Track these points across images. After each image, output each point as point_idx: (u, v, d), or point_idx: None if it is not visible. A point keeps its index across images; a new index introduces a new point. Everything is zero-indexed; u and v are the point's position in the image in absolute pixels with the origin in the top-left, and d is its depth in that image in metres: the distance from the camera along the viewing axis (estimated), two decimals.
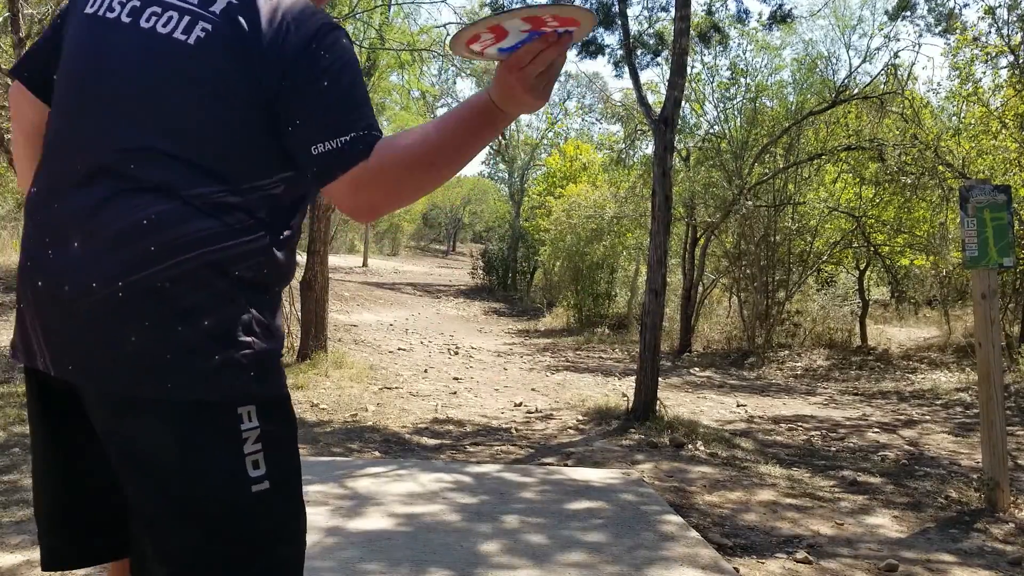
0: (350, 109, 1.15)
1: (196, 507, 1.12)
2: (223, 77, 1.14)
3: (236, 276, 1.15)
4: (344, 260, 29.46)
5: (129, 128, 1.14)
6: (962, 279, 12.77)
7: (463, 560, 2.84)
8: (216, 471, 1.13)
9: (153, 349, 1.10)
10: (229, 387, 1.13)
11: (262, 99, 1.15)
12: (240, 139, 1.15)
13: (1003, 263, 4.08)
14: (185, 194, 1.12)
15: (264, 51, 1.14)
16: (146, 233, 1.10)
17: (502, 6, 9.98)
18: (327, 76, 1.15)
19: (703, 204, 12.94)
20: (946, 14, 10.19)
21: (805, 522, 3.74)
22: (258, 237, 1.17)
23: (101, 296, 1.10)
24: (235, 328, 1.14)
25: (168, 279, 1.10)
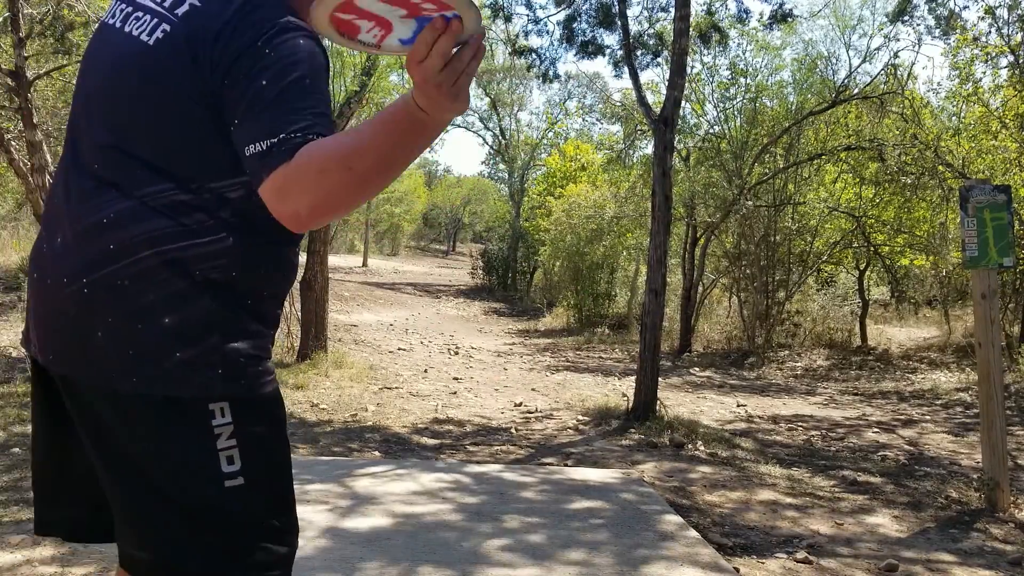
0: (288, 110, 1.06)
1: (171, 498, 1.15)
2: (173, 76, 1.15)
3: (199, 276, 1.15)
4: (344, 260, 29.47)
5: (99, 127, 1.20)
6: (962, 279, 12.77)
7: (463, 560, 2.84)
8: (187, 464, 1.15)
9: (117, 345, 1.13)
10: (197, 384, 1.15)
11: (208, 99, 1.13)
12: (190, 139, 1.15)
13: (1003, 263, 4.08)
14: (140, 192, 1.15)
15: (212, 50, 1.12)
16: (106, 230, 1.14)
17: (502, 7, 9.96)
18: (267, 74, 1.08)
19: (703, 204, 12.94)
20: (946, 16, 10.18)
21: (805, 522, 3.74)
22: (219, 238, 1.16)
23: (71, 291, 1.15)
24: (198, 327, 1.15)
25: (127, 277, 1.13)
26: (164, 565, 1.16)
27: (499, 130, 32.00)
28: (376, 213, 33.57)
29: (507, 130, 31.79)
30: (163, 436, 1.15)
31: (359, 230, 34.32)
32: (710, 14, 10.01)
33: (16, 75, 7.45)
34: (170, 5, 1.20)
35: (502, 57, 28.26)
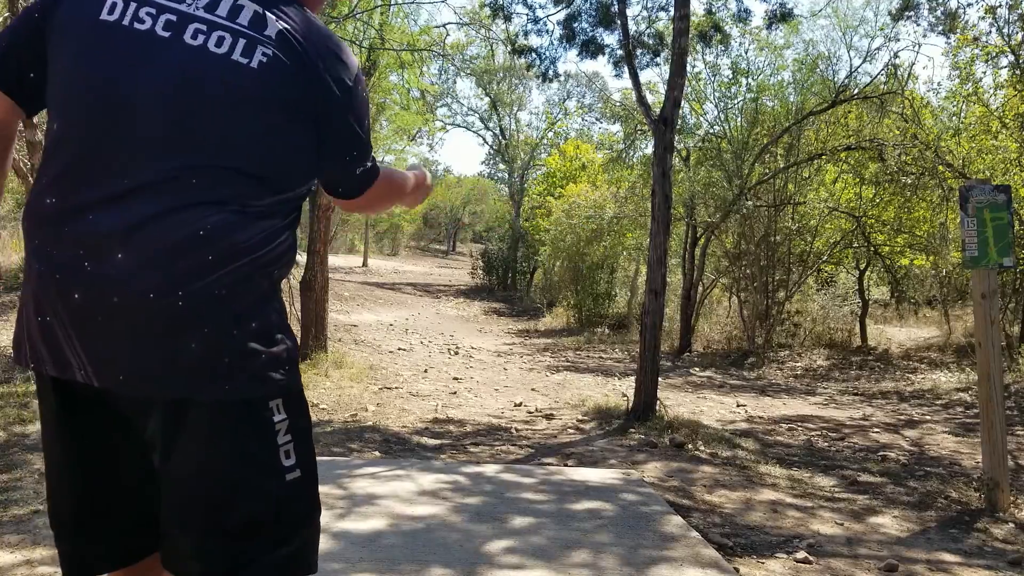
0: (369, 139, 1.39)
1: (240, 501, 1.19)
2: (284, 99, 1.21)
3: (276, 276, 1.25)
4: (344, 260, 29.47)
5: (184, 144, 1.17)
6: (962, 279, 12.77)
7: (463, 560, 2.84)
8: (258, 464, 1.21)
9: (212, 354, 1.15)
10: (270, 383, 1.21)
11: (313, 119, 1.26)
12: (292, 153, 1.25)
13: (1003, 263, 4.08)
14: (241, 204, 1.19)
15: (321, 79, 1.25)
16: (204, 243, 1.15)
17: (502, 7, 9.97)
18: (364, 114, 1.36)
19: (703, 204, 12.94)
20: (948, 15, 10.18)
21: (806, 522, 3.74)
22: (287, 237, 1.27)
23: (159, 306, 1.13)
24: (272, 327, 1.23)
25: (225, 285, 1.16)
26: (227, 569, 1.19)
27: (499, 130, 32.01)
28: (376, 213, 33.51)
29: (507, 130, 31.80)
30: (238, 438, 1.19)
31: (359, 230, 34.33)
32: (710, 14, 10.01)
33: None
34: (250, 24, 1.22)
35: (502, 57, 28.25)
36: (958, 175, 10.29)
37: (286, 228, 1.27)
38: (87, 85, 1.19)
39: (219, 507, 1.19)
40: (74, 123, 1.20)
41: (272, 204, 1.23)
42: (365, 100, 1.35)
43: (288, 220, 1.28)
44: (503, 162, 32.76)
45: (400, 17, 11.12)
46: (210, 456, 1.18)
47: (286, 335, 1.26)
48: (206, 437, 1.18)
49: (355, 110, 1.32)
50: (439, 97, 28.69)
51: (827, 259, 13.62)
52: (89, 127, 1.18)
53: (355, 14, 9.60)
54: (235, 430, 1.19)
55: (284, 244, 1.26)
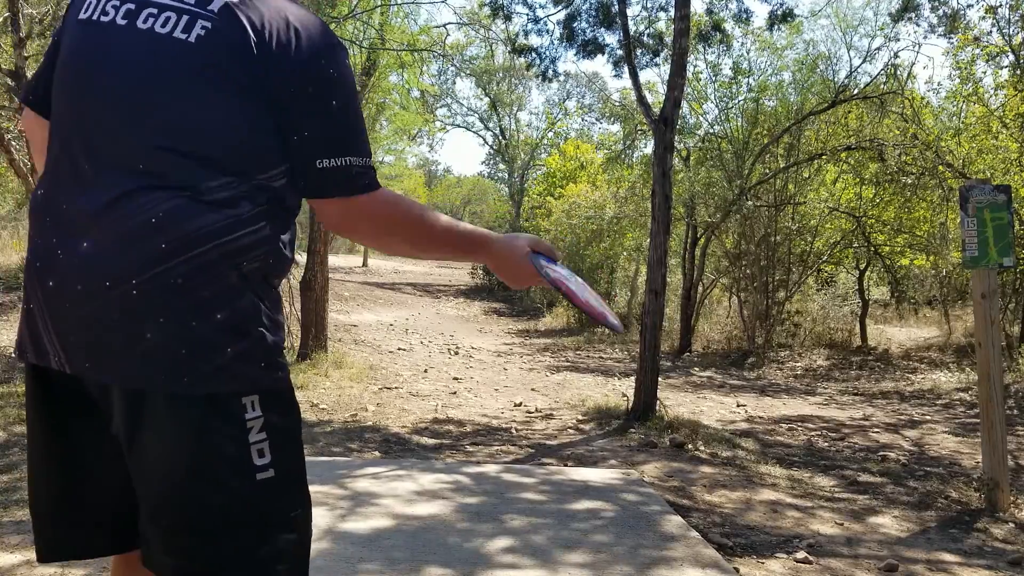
0: (356, 133, 1.24)
1: (204, 498, 1.15)
2: (226, 72, 1.16)
3: (245, 268, 1.18)
4: (344, 260, 29.47)
5: (134, 128, 1.16)
6: (962, 279, 12.77)
7: (463, 560, 2.84)
8: (223, 460, 1.16)
9: (169, 345, 1.12)
10: (240, 378, 1.16)
11: (265, 96, 1.18)
12: (245, 133, 1.18)
13: (1003, 263, 4.08)
14: (194, 189, 1.14)
15: (270, 51, 1.17)
16: (157, 230, 1.12)
17: (502, 6, 9.97)
18: (337, 95, 1.22)
19: (703, 204, 12.94)
20: (950, 15, 10.18)
21: (806, 522, 3.74)
22: (261, 227, 1.20)
23: (115, 294, 1.12)
24: (246, 320, 1.18)
25: (181, 275, 1.12)
26: (198, 568, 1.17)
27: (499, 130, 32.03)
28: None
29: (507, 130, 31.82)
30: (203, 434, 1.15)
31: None
32: (711, 14, 10.01)
33: (16, 75, 7.45)
34: (196, 1, 1.19)
35: (502, 57, 28.27)
36: (958, 175, 10.29)
37: (258, 218, 1.19)
38: (65, 82, 1.24)
39: (185, 503, 1.15)
40: (58, 119, 1.25)
41: (234, 190, 1.17)
42: (336, 78, 1.23)
43: (259, 209, 1.20)
44: (503, 162, 32.79)
45: (400, 17, 11.12)
46: (172, 451, 1.15)
47: (268, 329, 1.21)
48: (166, 431, 1.15)
49: (317, 83, 1.20)
50: (439, 97, 28.70)
51: (827, 259, 13.62)
52: (66, 121, 1.23)
53: (355, 14, 9.60)
54: (198, 425, 1.14)
55: (254, 235, 1.19)
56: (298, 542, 1.23)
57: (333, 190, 1.24)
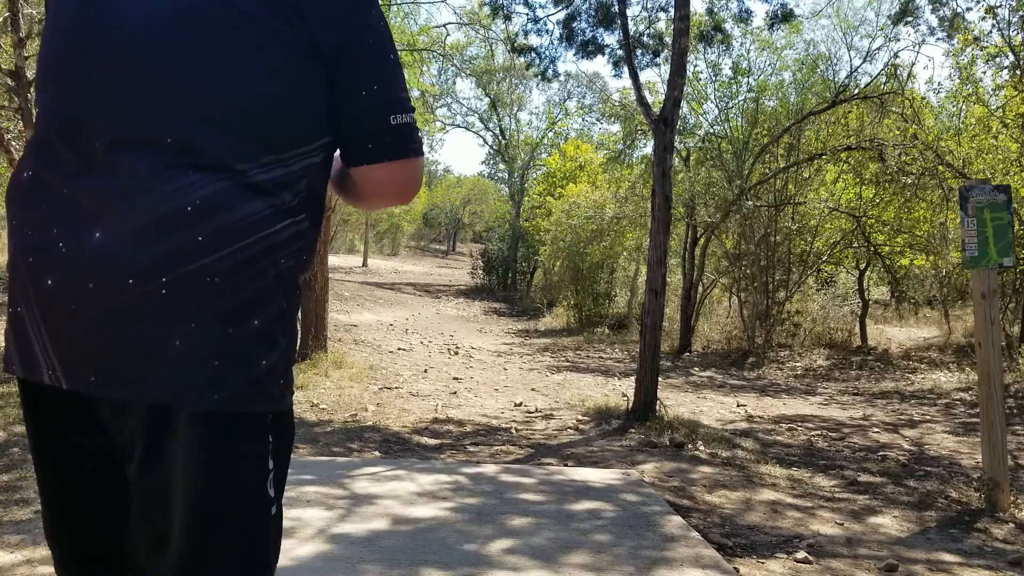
0: (404, 87, 1.11)
1: (222, 534, 1.00)
2: (267, 30, 0.99)
3: (283, 265, 1.03)
4: (344, 260, 29.48)
5: (158, 95, 0.98)
6: (962, 279, 12.76)
7: (464, 561, 2.84)
8: (247, 492, 1.01)
9: (200, 354, 0.96)
10: (268, 397, 1.02)
11: (314, 54, 1.02)
12: (292, 96, 1.01)
13: (1003, 263, 4.08)
14: (235, 169, 0.98)
15: (312, 3, 1.02)
16: (194, 219, 0.95)
17: (501, 6, 9.97)
18: (391, 46, 1.09)
19: (703, 204, 12.95)
20: (950, 17, 10.19)
21: (806, 522, 3.74)
22: (302, 219, 1.05)
23: (138, 294, 0.95)
24: (275, 327, 1.02)
25: (219, 273, 0.96)
26: None
27: (499, 130, 32.03)
28: (376, 213, 33.59)
29: (507, 130, 31.82)
30: (227, 460, 1.00)
31: (359, 230, 34.34)
32: (712, 14, 10.01)
33: (16, 75, 7.45)
34: None
35: (502, 56, 28.26)
36: (958, 175, 10.29)
37: (297, 210, 1.04)
38: (60, 50, 1.05)
39: (202, 538, 0.99)
40: (53, 94, 1.06)
41: (277, 171, 1.01)
42: (386, 27, 1.09)
43: (299, 199, 1.04)
44: (503, 162, 32.78)
45: (400, 17, 11.12)
46: (191, 478, 0.98)
47: (291, 339, 1.06)
48: (187, 455, 0.98)
49: (375, 32, 1.06)
50: (439, 97, 28.69)
51: (827, 259, 13.62)
52: (64, 94, 1.03)
53: None
54: (224, 450, 0.99)
55: (296, 227, 1.03)
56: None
57: (409, 148, 1.10)
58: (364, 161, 1.09)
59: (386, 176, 1.11)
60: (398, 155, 1.09)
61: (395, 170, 1.10)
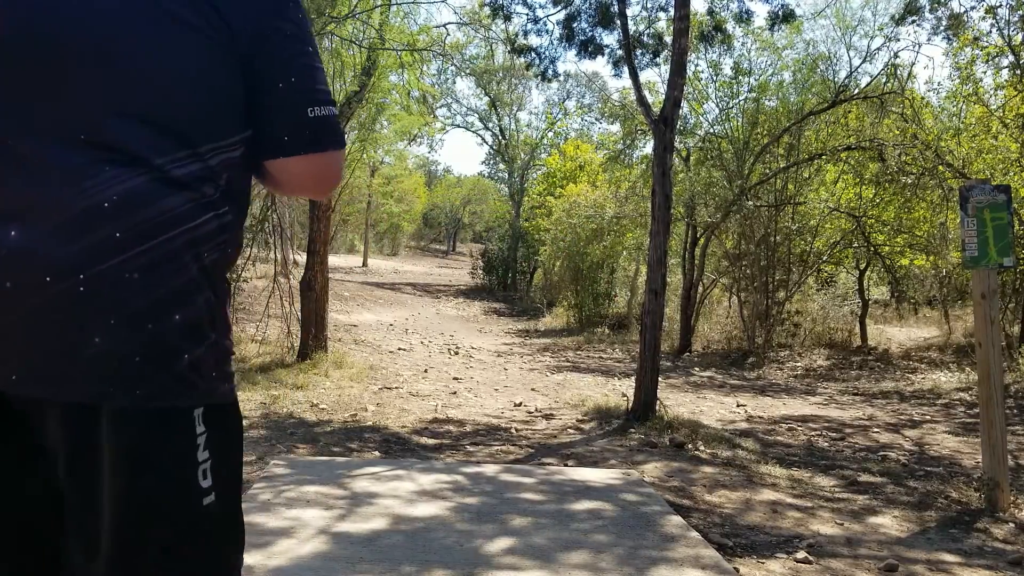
0: (325, 80, 1.11)
1: (150, 531, 0.99)
2: (183, 23, 0.99)
3: (206, 259, 1.03)
4: (344, 260, 29.48)
5: (74, 90, 0.98)
6: (962, 279, 12.77)
7: (463, 560, 2.84)
8: (171, 485, 1.00)
9: (120, 351, 0.96)
10: (195, 390, 1.01)
11: (231, 47, 1.02)
12: (204, 90, 1.01)
13: (1003, 263, 4.08)
14: (152, 164, 0.98)
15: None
16: (111, 216, 0.95)
17: (501, 6, 9.97)
18: (310, 39, 1.09)
19: (703, 204, 12.95)
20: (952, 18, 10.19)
21: (805, 522, 3.74)
22: (225, 212, 1.05)
23: (57, 291, 0.94)
24: (203, 320, 1.02)
25: (137, 268, 0.96)
26: None
27: (499, 130, 32.04)
28: (376, 213, 33.61)
29: (507, 130, 31.83)
30: (152, 455, 0.99)
31: (359, 230, 34.34)
32: (712, 14, 10.01)
33: None
34: None
35: (501, 57, 28.27)
36: (958, 175, 10.29)
37: (220, 202, 1.04)
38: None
39: (127, 536, 0.98)
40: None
41: (198, 165, 1.01)
42: (304, 18, 1.08)
43: (220, 192, 1.04)
44: (503, 162, 32.79)
45: (400, 17, 11.12)
46: (117, 475, 0.97)
47: (221, 332, 1.05)
48: (112, 452, 0.97)
49: (294, 23, 1.06)
50: (439, 98, 28.70)
51: (827, 259, 13.62)
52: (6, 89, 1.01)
53: (355, 14, 9.60)
54: (148, 444, 0.98)
55: (219, 220, 1.03)
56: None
57: (328, 141, 1.10)
58: (281, 153, 1.09)
59: (303, 169, 1.11)
60: (315, 148, 1.09)
61: (313, 163, 1.10)
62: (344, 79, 10.23)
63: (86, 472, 0.99)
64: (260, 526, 3.11)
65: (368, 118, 11.51)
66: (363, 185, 26.37)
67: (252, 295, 11.30)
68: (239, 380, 7.21)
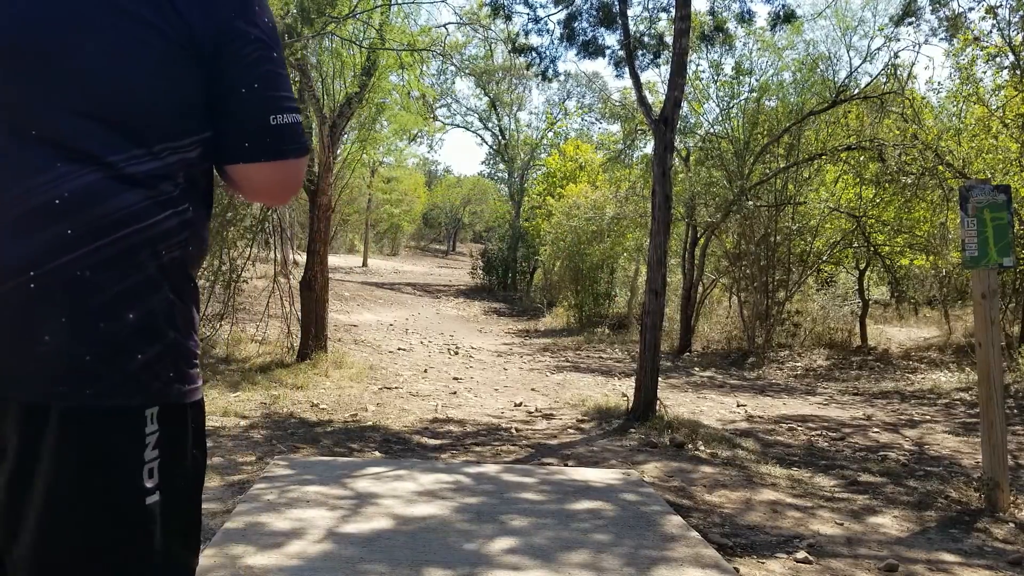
0: (290, 88, 1.10)
1: (82, 524, 0.97)
2: (143, 23, 0.99)
3: (164, 257, 1.01)
4: (344, 260, 29.47)
5: (25, 87, 0.97)
6: (962, 279, 12.77)
7: (465, 560, 2.84)
8: (110, 483, 0.98)
9: (70, 349, 0.95)
10: (147, 390, 0.99)
11: (190, 50, 1.02)
12: (161, 90, 1.00)
13: (1003, 263, 4.08)
14: (106, 162, 0.97)
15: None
16: (62, 213, 0.94)
17: (502, 6, 9.97)
18: (277, 45, 1.08)
19: (703, 204, 12.95)
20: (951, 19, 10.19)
21: (806, 522, 3.74)
22: (185, 208, 1.04)
23: (7, 289, 0.94)
24: (159, 320, 1.01)
25: (89, 266, 0.95)
26: None
27: (499, 130, 32.04)
28: (376, 213, 33.61)
29: (507, 130, 31.83)
30: (99, 455, 0.97)
31: (359, 230, 34.35)
32: (713, 14, 10.01)
33: None
34: None
35: (501, 57, 28.26)
36: (958, 175, 10.29)
37: (179, 200, 1.03)
38: None
39: (60, 534, 0.96)
40: None
41: (153, 163, 1.00)
42: (272, 25, 1.08)
43: (179, 189, 1.03)
44: (503, 162, 32.78)
45: (400, 17, 11.12)
46: (60, 476, 0.95)
47: (182, 331, 1.04)
48: (60, 453, 0.95)
49: (260, 28, 1.05)
50: (438, 98, 28.72)
51: (827, 259, 13.63)
52: None
53: (355, 14, 9.60)
54: (93, 443, 0.96)
55: (178, 217, 1.02)
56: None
57: (288, 149, 1.09)
58: (241, 159, 1.08)
59: (264, 175, 1.10)
60: (275, 155, 1.08)
61: (274, 170, 1.10)
62: (344, 79, 10.23)
63: (34, 472, 0.96)
64: (264, 527, 3.11)
65: (368, 118, 11.50)
66: (363, 185, 26.36)
67: (252, 295, 11.30)
68: (239, 380, 7.21)
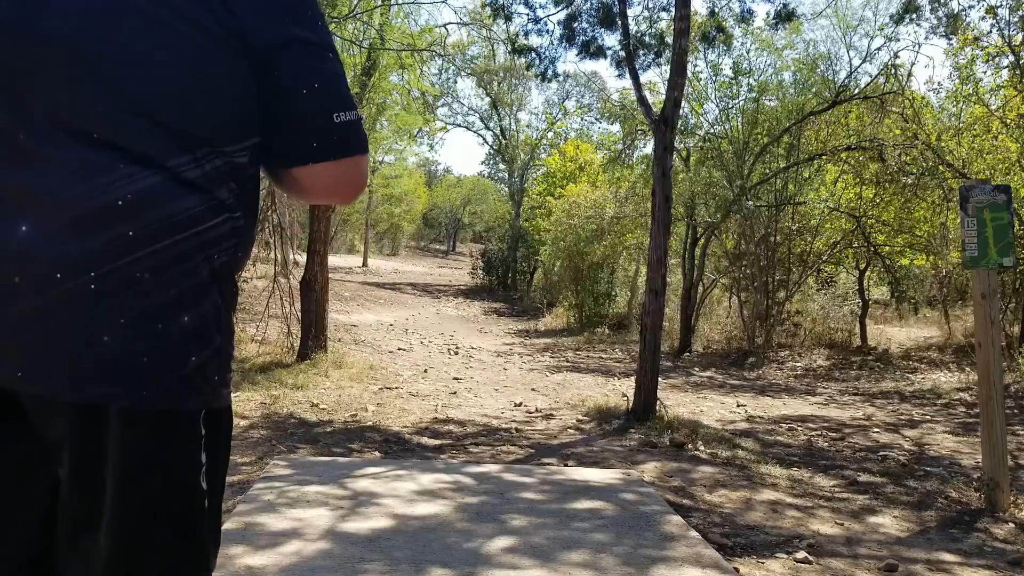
0: (346, 85, 1.10)
1: (151, 529, 0.99)
2: (200, 27, 1.00)
3: (216, 261, 1.02)
4: (344, 260, 29.48)
5: (87, 90, 0.97)
6: (962, 279, 12.77)
7: (465, 560, 2.84)
8: (178, 488, 1.00)
9: (128, 350, 0.95)
10: (200, 392, 1.01)
11: (246, 53, 1.03)
12: (218, 95, 1.02)
13: (1003, 263, 4.08)
14: (166, 164, 0.98)
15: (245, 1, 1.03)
16: (125, 214, 0.95)
17: (502, 7, 9.97)
18: (331, 45, 1.09)
19: (703, 204, 12.96)
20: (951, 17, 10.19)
21: (805, 522, 3.74)
22: (239, 216, 1.05)
23: (66, 289, 0.93)
24: (210, 324, 1.02)
25: (148, 268, 0.96)
26: None
27: (499, 130, 32.04)
28: (376, 213, 33.62)
29: (507, 130, 31.83)
30: (157, 457, 0.98)
31: (359, 230, 34.36)
32: (713, 15, 10.01)
33: None
34: None
35: (502, 57, 28.27)
36: (958, 175, 10.29)
37: (234, 206, 1.04)
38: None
39: (129, 538, 0.97)
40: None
41: (211, 167, 1.01)
42: (324, 26, 1.09)
43: (233, 196, 1.04)
44: (503, 162, 32.79)
45: (400, 17, 11.13)
46: (121, 476, 0.96)
47: (226, 336, 1.05)
48: (117, 453, 0.96)
49: (315, 30, 1.06)
50: (439, 97, 28.71)
51: (827, 259, 13.63)
52: (8, 79, 1.00)
53: (355, 14, 9.60)
54: (155, 447, 0.98)
55: (232, 223, 1.03)
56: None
57: (355, 146, 1.09)
58: (309, 160, 1.08)
59: (332, 174, 1.10)
60: (343, 153, 1.09)
61: (341, 168, 1.10)
62: None
63: (89, 472, 0.97)
64: (263, 527, 3.11)
65: (368, 118, 11.51)
66: None
67: (252, 295, 11.30)
68: (239, 380, 7.21)
